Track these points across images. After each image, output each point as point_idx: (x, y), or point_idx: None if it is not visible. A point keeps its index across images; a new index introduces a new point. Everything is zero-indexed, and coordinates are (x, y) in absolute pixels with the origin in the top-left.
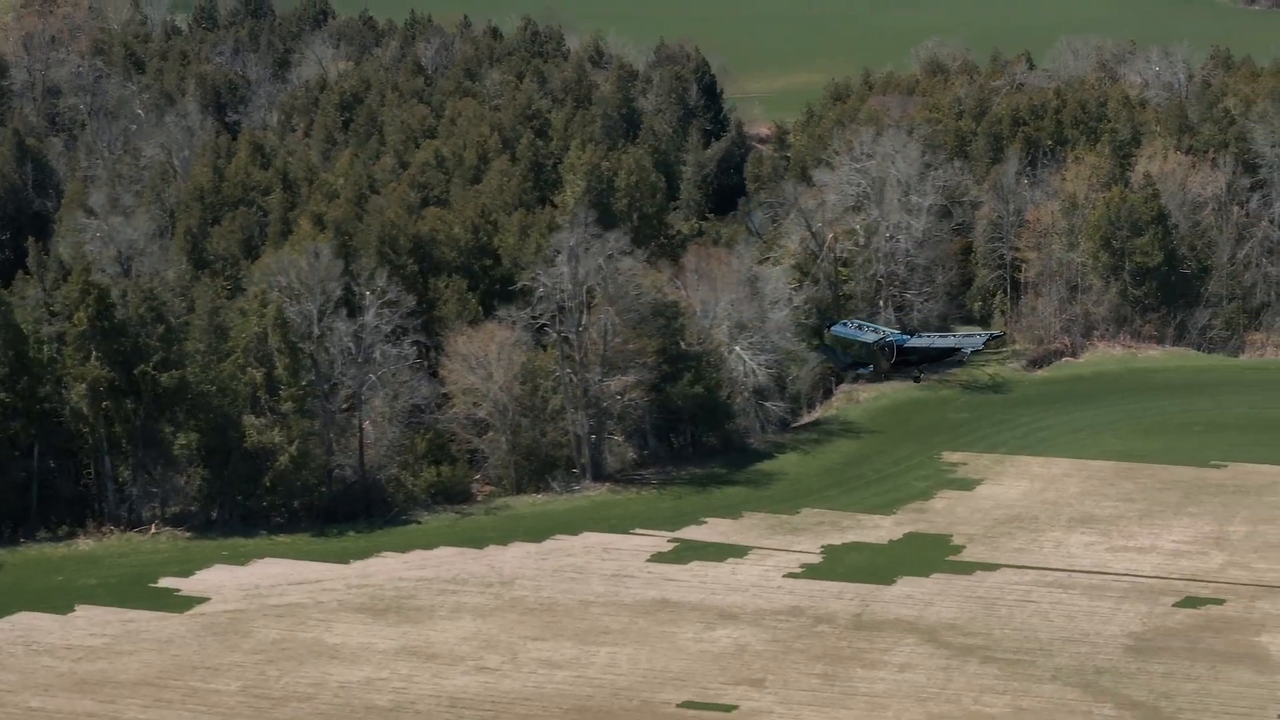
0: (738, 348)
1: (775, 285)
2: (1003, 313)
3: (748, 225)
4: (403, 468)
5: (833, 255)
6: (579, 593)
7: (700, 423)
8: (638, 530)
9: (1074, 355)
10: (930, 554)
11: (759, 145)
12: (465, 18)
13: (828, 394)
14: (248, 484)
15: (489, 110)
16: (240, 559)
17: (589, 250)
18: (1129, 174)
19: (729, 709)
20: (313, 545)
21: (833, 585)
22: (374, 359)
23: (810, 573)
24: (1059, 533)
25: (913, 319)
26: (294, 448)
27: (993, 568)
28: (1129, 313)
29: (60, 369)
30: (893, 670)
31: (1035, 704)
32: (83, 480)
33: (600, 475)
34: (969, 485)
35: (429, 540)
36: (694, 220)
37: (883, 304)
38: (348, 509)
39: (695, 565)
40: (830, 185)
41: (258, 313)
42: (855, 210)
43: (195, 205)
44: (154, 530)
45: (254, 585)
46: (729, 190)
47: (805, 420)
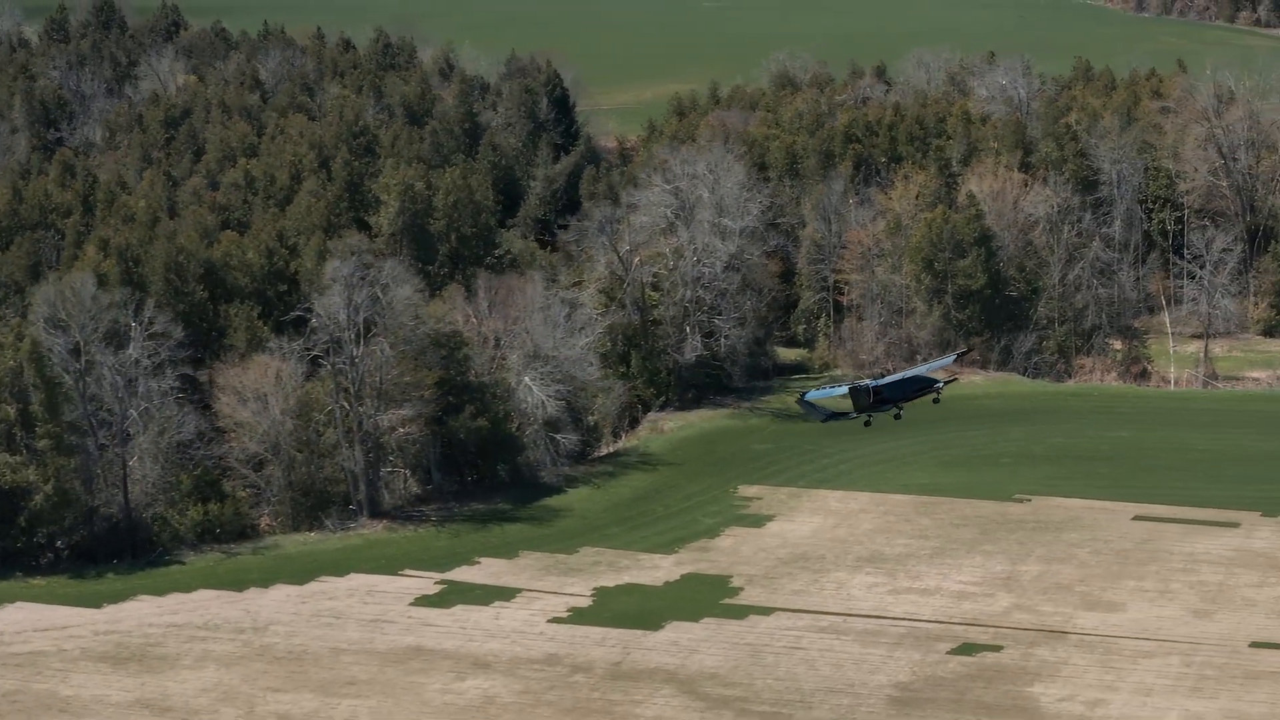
0: (526, 378)
1: (582, 311)
2: (826, 336)
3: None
4: (169, 506)
5: (639, 280)
6: (332, 639)
7: (487, 456)
8: (407, 571)
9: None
10: (705, 597)
11: (610, 160)
12: (319, 29)
13: (634, 423)
14: (1, 525)
15: (322, 126)
16: None
17: (364, 279)
18: (957, 194)
19: None
20: (68, 588)
21: (597, 631)
22: (138, 393)
23: (576, 617)
24: (843, 573)
25: (719, 345)
26: (49, 486)
27: (767, 611)
28: (953, 336)
29: None
30: None
31: None
32: None
33: (377, 512)
34: (759, 522)
35: (189, 582)
36: (530, 239)
37: (689, 330)
38: (112, 549)
39: (459, 609)
40: (643, 206)
41: (13, 346)
42: (668, 232)
43: None
44: None
45: None
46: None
47: (605, 451)
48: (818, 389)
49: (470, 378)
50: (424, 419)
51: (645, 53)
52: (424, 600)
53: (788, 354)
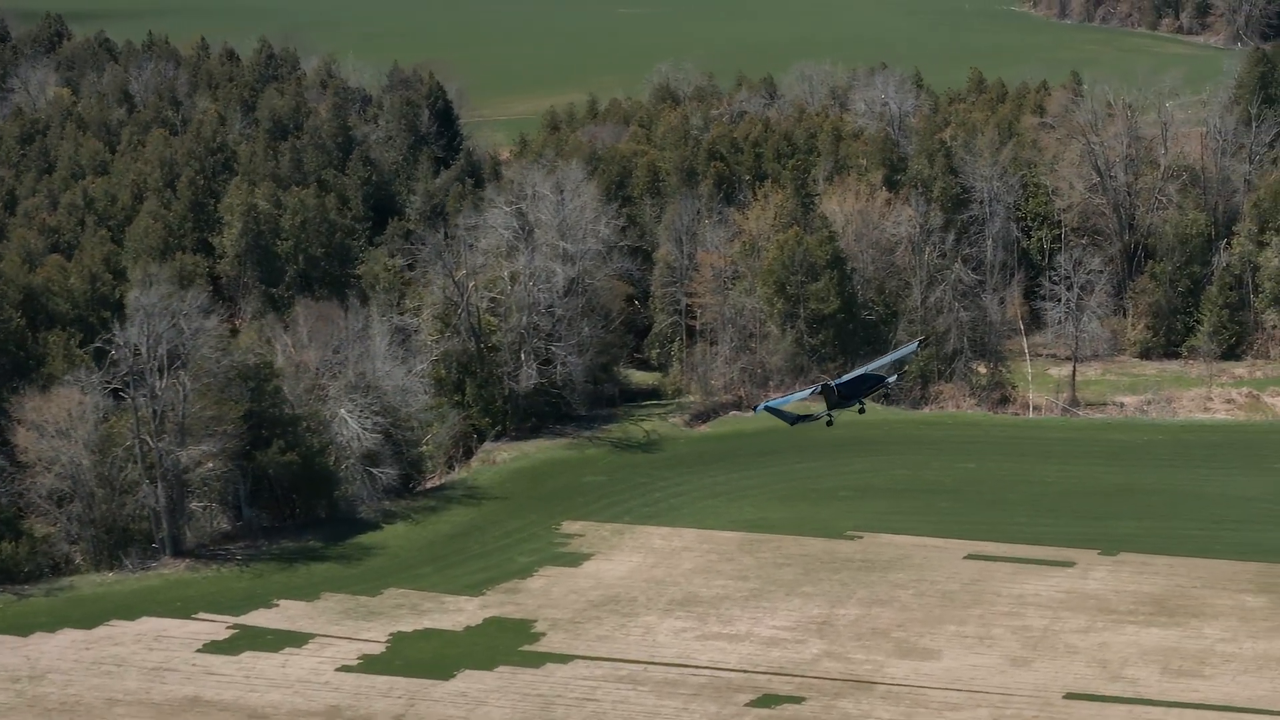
0: (342, 410)
1: (417, 337)
2: (680, 361)
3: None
4: None
5: (476, 305)
6: (109, 689)
7: (301, 491)
8: (201, 615)
9: (746, 408)
10: (504, 643)
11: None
12: (202, 39)
13: (469, 454)
14: None
15: (178, 142)
16: None
17: (165, 310)
18: (815, 214)
19: None
20: None
21: (384, 681)
22: None
23: (366, 665)
24: (653, 617)
25: (556, 373)
26: None
27: (566, 659)
28: (805, 362)
29: None
30: None
31: None
32: None
33: (181, 550)
34: (576, 561)
35: None
36: (396, 257)
37: (524, 358)
38: None
39: (247, 656)
40: (484, 228)
41: None
42: (510, 255)
43: None
44: None
45: None
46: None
47: (434, 483)
48: (770, 399)
49: (283, 410)
50: (228, 454)
51: (551, 62)
52: (212, 646)
53: (644, 378)
